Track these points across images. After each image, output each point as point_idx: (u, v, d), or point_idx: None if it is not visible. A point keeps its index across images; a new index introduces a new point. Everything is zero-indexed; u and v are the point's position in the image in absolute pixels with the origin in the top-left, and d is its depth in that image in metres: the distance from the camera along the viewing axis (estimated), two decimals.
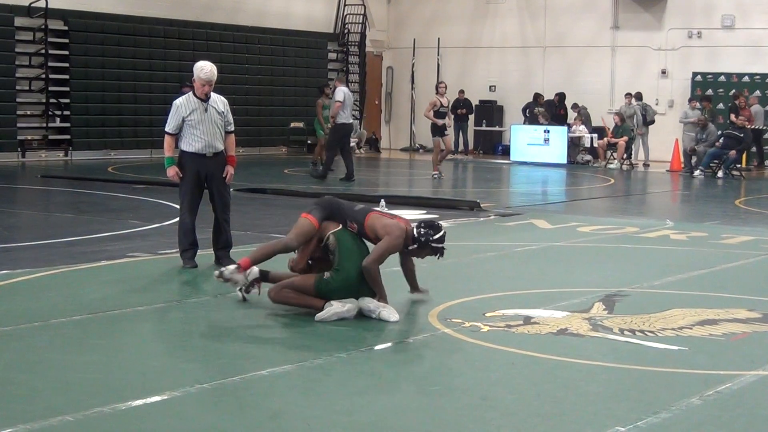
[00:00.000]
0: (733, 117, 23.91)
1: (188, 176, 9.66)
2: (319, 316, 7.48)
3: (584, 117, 27.40)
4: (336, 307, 7.51)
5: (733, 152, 22.76)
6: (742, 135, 23.05)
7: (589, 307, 8.13)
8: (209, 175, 9.70)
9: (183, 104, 9.59)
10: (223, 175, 9.74)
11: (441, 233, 7.95)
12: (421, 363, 6.54)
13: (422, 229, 7.90)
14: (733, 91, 25.80)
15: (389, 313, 7.57)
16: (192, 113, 9.54)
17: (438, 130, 20.83)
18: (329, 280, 7.67)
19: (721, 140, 23.12)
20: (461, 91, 29.61)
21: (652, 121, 26.03)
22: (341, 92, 19.89)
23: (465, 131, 29.73)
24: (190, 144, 9.61)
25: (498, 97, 30.68)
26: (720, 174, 22.76)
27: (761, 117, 25.07)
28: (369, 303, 7.65)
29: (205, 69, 9.51)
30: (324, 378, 6.06)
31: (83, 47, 24.18)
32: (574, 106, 27.67)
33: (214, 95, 9.69)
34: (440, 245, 7.94)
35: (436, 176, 20.76)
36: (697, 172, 23.03)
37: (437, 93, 21.17)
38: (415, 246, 7.89)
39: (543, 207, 16.36)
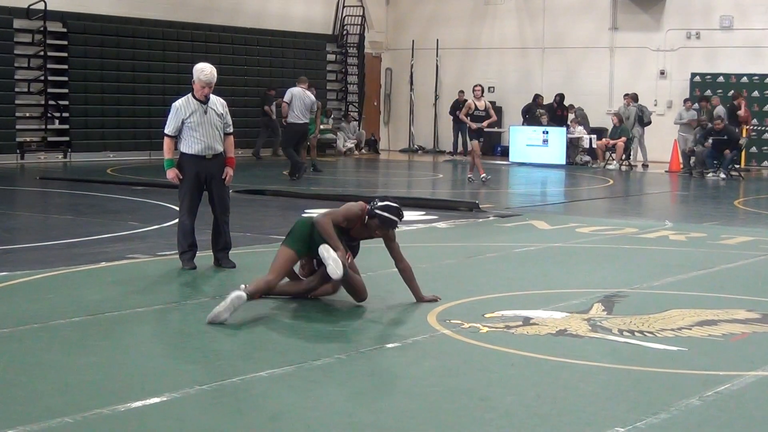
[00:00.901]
0: (711, 123, 23.91)
1: (188, 178, 9.66)
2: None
3: (581, 118, 27.42)
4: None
5: (727, 152, 22.71)
6: (725, 137, 22.93)
7: (589, 307, 8.14)
8: (209, 176, 9.71)
9: (182, 106, 9.59)
10: (222, 177, 9.75)
11: (386, 203, 8.13)
12: (420, 364, 6.53)
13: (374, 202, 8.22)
14: (732, 91, 25.80)
15: (334, 267, 7.75)
16: (191, 115, 9.54)
17: (473, 133, 20.33)
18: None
19: (709, 141, 23.02)
20: (461, 92, 29.64)
21: (649, 122, 26.03)
22: (289, 93, 20.29)
23: (464, 132, 29.70)
24: (190, 146, 9.62)
25: (497, 98, 30.63)
26: (722, 174, 22.69)
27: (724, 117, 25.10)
28: (324, 250, 7.83)
29: (205, 71, 9.52)
30: (323, 379, 6.06)
31: (82, 49, 24.17)
32: (570, 107, 27.71)
33: (213, 97, 9.69)
34: (386, 214, 8.08)
35: (483, 178, 20.17)
36: (710, 175, 22.85)
37: (473, 96, 20.73)
38: (367, 217, 8.11)
39: (542, 208, 16.37)
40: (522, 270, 10.10)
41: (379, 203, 8.14)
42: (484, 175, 20.26)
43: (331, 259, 7.76)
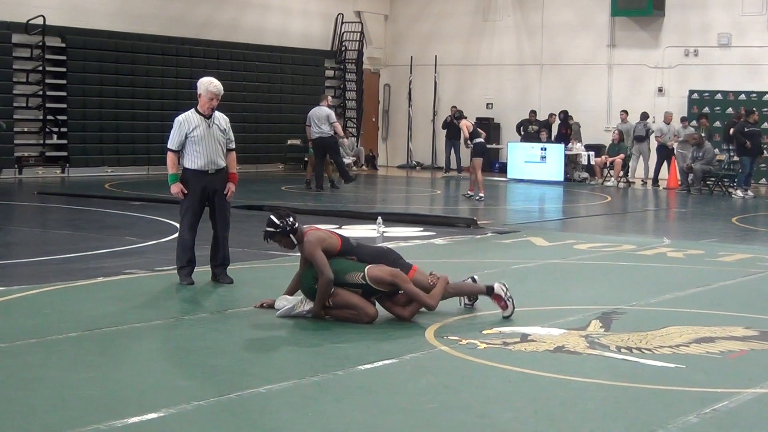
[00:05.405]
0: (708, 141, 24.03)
1: (192, 193, 9.64)
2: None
3: (575, 133, 27.46)
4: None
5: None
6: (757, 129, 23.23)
7: (586, 324, 8.13)
8: (211, 191, 9.70)
9: (186, 120, 9.59)
10: (225, 192, 9.75)
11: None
12: (417, 380, 6.53)
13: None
14: (730, 108, 25.86)
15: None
16: (195, 129, 9.53)
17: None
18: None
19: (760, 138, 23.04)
20: (453, 107, 29.65)
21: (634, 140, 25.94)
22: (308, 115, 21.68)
23: (457, 149, 29.68)
24: (192, 161, 9.61)
25: (495, 114, 30.72)
26: (750, 193, 22.65)
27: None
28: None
29: (213, 82, 9.58)
30: (321, 395, 6.05)
31: (81, 64, 24.21)
32: (571, 118, 27.82)
33: (216, 112, 9.69)
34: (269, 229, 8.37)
35: (475, 197, 19.99)
36: (738, 193, 22.75)
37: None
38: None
39: (540, 224, 16.37)
40: (519, 286, 10.07)
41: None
42: (478, 193, 20.08)
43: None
